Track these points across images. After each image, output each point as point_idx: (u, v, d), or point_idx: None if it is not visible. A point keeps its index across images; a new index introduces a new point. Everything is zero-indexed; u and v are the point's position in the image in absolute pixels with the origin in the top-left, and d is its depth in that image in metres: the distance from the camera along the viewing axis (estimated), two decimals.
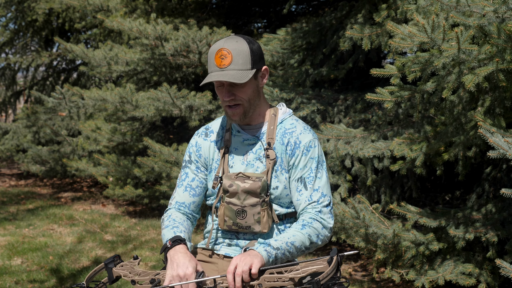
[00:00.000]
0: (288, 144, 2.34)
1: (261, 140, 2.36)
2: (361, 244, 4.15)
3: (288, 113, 2.43)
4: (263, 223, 2.30)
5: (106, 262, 2.20)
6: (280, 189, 2.34)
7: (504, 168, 4.31)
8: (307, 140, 2.34)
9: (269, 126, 2.37)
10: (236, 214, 2.32)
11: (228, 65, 2.25)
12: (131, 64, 6.26)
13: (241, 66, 2.25)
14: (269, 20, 7.34)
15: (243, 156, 2.37)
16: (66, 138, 8.04)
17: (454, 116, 3.76)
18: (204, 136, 2.47)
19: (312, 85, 5.42)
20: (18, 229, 6.35)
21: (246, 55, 2.26)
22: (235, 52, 2.25)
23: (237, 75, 2.24)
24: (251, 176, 2.30)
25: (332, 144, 4.57)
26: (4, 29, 9.97)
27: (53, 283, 4.66)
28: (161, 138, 6.86)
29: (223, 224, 2.36)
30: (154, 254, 5.43)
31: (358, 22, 4.81)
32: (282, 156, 2.34)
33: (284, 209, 2.37)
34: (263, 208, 2.29)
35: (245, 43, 2.28)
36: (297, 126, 2.38)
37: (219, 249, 2.42)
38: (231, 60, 2.24)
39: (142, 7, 6.92)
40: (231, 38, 2.30)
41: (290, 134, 2.36)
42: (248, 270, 2.03)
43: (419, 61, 3.29)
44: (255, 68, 2.29)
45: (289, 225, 2.39)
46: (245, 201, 2.30)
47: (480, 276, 3.88)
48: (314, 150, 2.35)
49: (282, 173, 2.34)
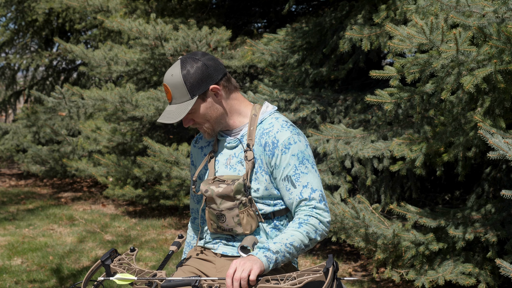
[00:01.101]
0: (266, 145, 2.31)
1: (242, 143, 2.36)
2: (361, 244, 4.15)
3: (269, 112, 2.39)
4: (244, 225, 2.31)
5: (102, 259, 2.18)
6: (261, 190, 2.32)
7: (504, 169, 4.31)
8: (284, 138, 2.29)
9: (249, 127, 2.36)
10: (217, 218, 2.34)
11: (171, 101, 2.31)
12: (131, 64, 6.27)
13: (180, 99, 2.29)
14: (269, 20, 7.33)
15: (226, 160, 2.38)
16: (66, 138, 8.05)
17: (454, 116, 3.76)
18: (194, 143, 2.55)
19: (312, 85, 5.42)
20: (18, 229, 6.35)
21: (181, 87, 2.27)
22: (171, 87, 2.29)
23: (176, 110, 2.28)
24: (226, 180, 2.31)
25: (332, 145, 4.57)
26: (4, 29, 9.97)
27: (53, 283, 4.67)
28: (161, 138, 6.86)
29: (210, 227, 2.41)
30: (154, 254, 5.44)
31: (358, 22, 4.81)
32: (261, 157, 2.32)
33: (270, 207, 2.34)
34: (241, 210, 2.29)
35: (179, 74, 2.28)
36: (275, 124, 2.34)
37: (217, 248, 2.43)
38: (171, 96, 2.30)
39: (142, 7, 6.92)
40: (170, 70, 2.31)
41: (267, 134, 2.32)
42: (247, 277, 2.03)
43: (418, 63, 3.29)
44: (196, 94, 2.28)
45: (280, 222, 2.37)
46: (221, 205, 2.31)
47: (480, 276, 3.88)
48: (294, 146, 2.29)
49: (262, 175, 2.32)
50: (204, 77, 2.29)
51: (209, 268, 2.41)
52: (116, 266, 2.17)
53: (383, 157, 4.56)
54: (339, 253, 5.36)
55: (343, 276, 4.66)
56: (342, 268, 4.98)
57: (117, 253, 2.24)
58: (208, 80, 2.30)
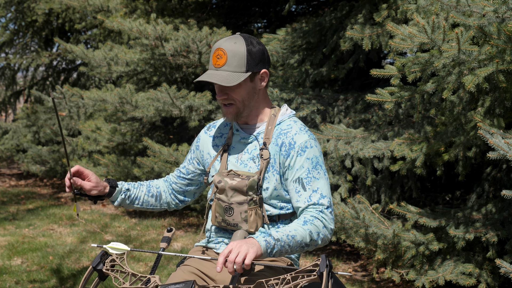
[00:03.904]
0: (282, 145, 2.33)
1: (257, 140, 2.37)
2: (361, 244, 4.15)
3: (288, 115, 2.42)
4: (250, 222, 2.30)
5: (94, 265, 2.13)
6: (270, 190, 2.33)
7: (504, 168, 4.31)
8: (302, 141, 2.32)
9: (267, 126, 2.37)
10: (224, 210, 2.34)
11: (222, 66, 2.28)
12: (131, 65, 6.26)
13: (234, 68, 2.27)
14: (269, 20, 7.34)
15: (238, 155, 2.39)
16: (66, 138, 8.04)
17: (454, 116, 3.76)
18: (206, 130, 2.55)
19: (312, 85, 5.42)
20: (18, 229, 6.35)
21: (242, 57, 2.28)
22: (230, 53, 2.27)
23: (228, 77, 2.26)
24: (242, 174, 2.32)
25: (332, 145, 4.57)
26: (4, 29, 9.97)
27: (53, 283, 4.66)
28: (161, 139, 6.86)
29: (214, 220, 2.40)
30: (154, 254, 5.44)
31: (359, 22, 4.81)
32: (275, 157, 2.33)
33: (276, 210, 2.35)
34: (250, 207, 2.30)
35: (243, 45, 2.29)
36: (293, 127, 2.37)
37: (219, 247, 2.43)
38: (225, 61, 2.27)
39: (142, 7, 6.92)
40: (231, 38, 2.31)
41: (285, 135, 2.34)
42: (242, 261, 1.98)
43: (419, 62, 3.29)
44: (251, 71, 2.29)
45: (282, 226, 2.37)
46: (232, 198, 2.31)
47: (480, 276, 3.88)
48: (310, 150, 2.31)
49: (273, 174, 2.33)
50: (262, 59, 2.33)
51: (209, 268, 2.40)
52: (109, 270, 2.14)
53: (384, 157, 4.56)
54: (339, 253, 5.36)
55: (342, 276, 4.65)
56: (342, 268, 4.97)
57: (108, 254, 2.19)
58: (264, 64, 2.34)
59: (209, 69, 2.33)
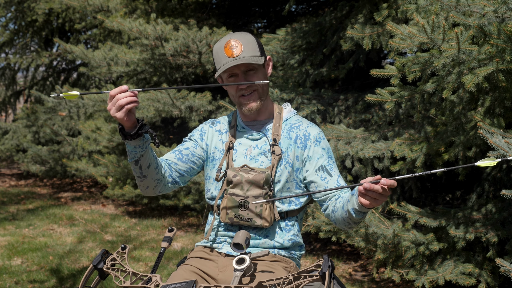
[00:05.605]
0: (297, 137, 2.42)
1: (266, 136, 2.42)
2: (361, 244, 4.15)
3: (293, 112, 2.52)
4: (265, 216, 2.33)
5: (94, 264, 2.12)
6: (282, 182, 2.39)
7: (504, 168, 4.31)
8: (315, 132, 2.44)
9: (275, 124, 2.44)
10: (239, 205, 2.35)
11: (240, 53, 2.33)
12: (131, 65, 6.26)
13: (252, 53, 2.35)
14: (269, 20, 7.34)
15: (246, 151, 2.43)
16: (66, 138, 8.04)
17: (454, 116, 3.76)
18: (210, 124, 2.56)
19: (312, 85, 5.42)
20: (18, 229, 6.35)
21: (254, 44, 2.37)
22: (244, 41, 2.35)
23: (251, 59, 2.33)
24: (256, 169, 2.35)
25: (333, 145, 4.57)
26: (4, 29, 9.97)
27: (53, 283, 4.66)
28: (161, 139, 6.86)
29: (225, 217, 2.38)
30: (154, 254, 5.44)
31: (359, 21, 4.81)
32: (289, 150, 2.40)
33: (285, 206, 2.41)
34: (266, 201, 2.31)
35: (250, 35, 2.40)
36: (303, 121, 2.48)
37: (221, 247, 2.44)
38: (242, 48, 2.34)
39: (142, 7, 6.92)
40: (234, 33, 2.40)
41: (298, 128, 2.44)
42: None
43: (419, 62, 3.29)
44: (263, 56, 2.40)
45: (291, 223, 2.41)
46: (248, 191, 2.33)
47: (480, 276, 3.88)
48: (324, 141, 2.44)
49: (285, 167, 2.39)
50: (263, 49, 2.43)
51: (211, 268, 2.40)
52: (109, 269, 2.13)
53: (384, 157, 4.56)
54: (339, 253, 5.36)
55: (342, 276, 4.66)
56: (342, 268, 4.97)
57: (109, 253, 2.18)
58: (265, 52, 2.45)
59: (223, 63, 2.33)
